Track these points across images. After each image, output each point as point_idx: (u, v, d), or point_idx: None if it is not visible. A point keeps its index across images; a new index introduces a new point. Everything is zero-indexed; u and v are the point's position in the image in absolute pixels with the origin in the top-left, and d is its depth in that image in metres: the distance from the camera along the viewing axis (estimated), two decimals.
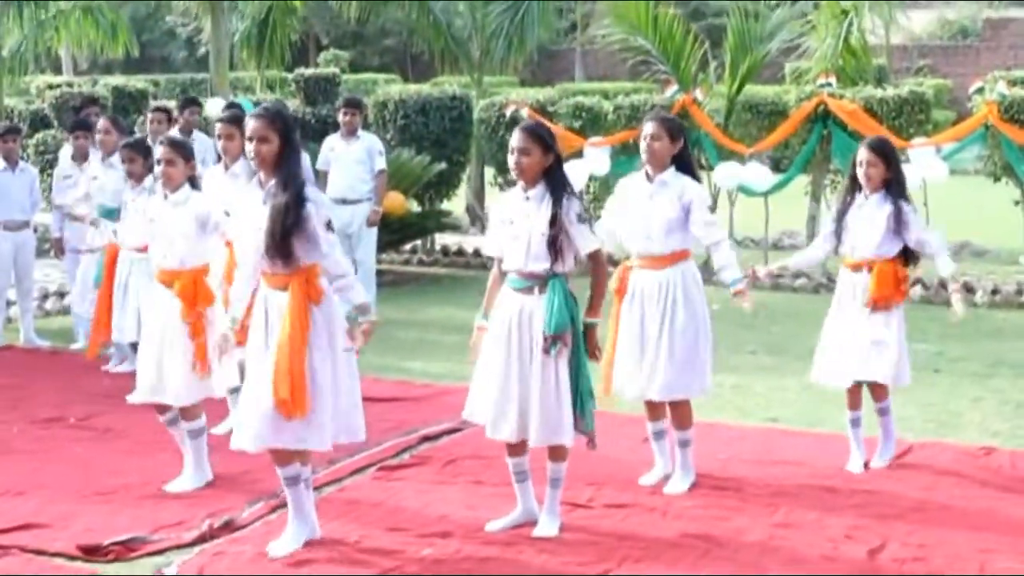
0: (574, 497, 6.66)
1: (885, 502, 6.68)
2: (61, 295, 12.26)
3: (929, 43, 42.74)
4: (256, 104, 12.83)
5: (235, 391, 6.84)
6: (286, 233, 5.75)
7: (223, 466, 7.20)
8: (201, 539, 6.13)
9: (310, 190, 5.92)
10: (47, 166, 14.68)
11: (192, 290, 6.93)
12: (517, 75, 31.56)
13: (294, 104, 16.62)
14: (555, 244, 6.00)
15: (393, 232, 13.18)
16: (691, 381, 6.88)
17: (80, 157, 10.51)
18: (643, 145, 6.87)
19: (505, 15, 19.65)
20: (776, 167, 14.49)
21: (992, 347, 10.51)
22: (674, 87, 14.22)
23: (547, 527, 6.25)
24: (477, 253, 15.29)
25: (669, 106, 13.59)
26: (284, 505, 6.45)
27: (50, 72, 28.82)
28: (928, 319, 10.84)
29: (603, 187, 13.86)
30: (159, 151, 7.07)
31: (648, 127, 6.88)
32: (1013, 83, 14.35)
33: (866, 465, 7.30)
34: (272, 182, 5.88)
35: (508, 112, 14.27)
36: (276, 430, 5.85)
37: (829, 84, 13.33)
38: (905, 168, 7.79)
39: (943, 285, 12.35)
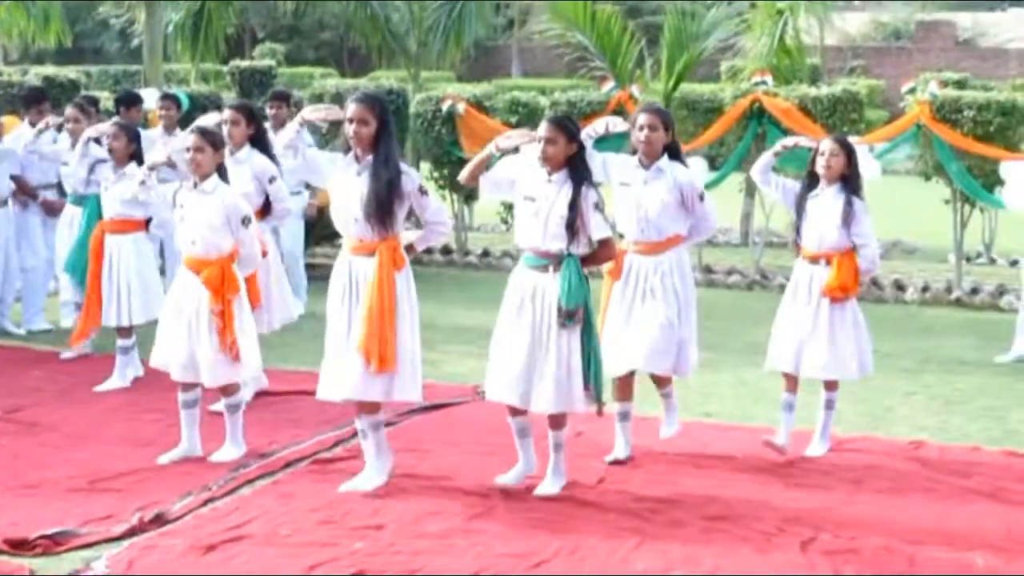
0: (509, 491, 6.68)
1: (817, 495, 6.74)
2: None
3: (863, 44, 43.16)
4: (190, 96, 12.73)
5: None
6: (390, 201, 6.55)
7: (150, 459, 7.20)
8: (131, 532, 6.03)
9: (403, 164, 6.68)
10: None
11: (219, 279, 7.16)
12: (454, 71, 31.49)
13: (229, 96, 16.47)
14: (572, 226, 6.53)
15: (327, 226, 13.07)
16: (672, 358, 7.27)
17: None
18: (640, 135, 7.18)
19: (442, 10, 19.67)
20: (711, 164, 14.50)
21: (922, 344, 10.65)
22: (611, 83, 14.24)
23: (550, 486, 6.77)
24: (409, 247, 15.22)
25: (605, 102, 13.63)
26: (214, 499, 6.49)
27: None
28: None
29: None
30: (189, 140, 7.26)
31: (644, 118, 7.22)
32: (944, 84, 14.51)
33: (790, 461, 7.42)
34: (370, 158, 6.60)
35: (445, 107, 14.21)
36: (366, 385, 6.59)
37: (764, 82, 13.40)
38: None
39: (874, 282, 12.53)
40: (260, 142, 8.60)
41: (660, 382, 7.55)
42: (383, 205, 6.54)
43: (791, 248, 7.93)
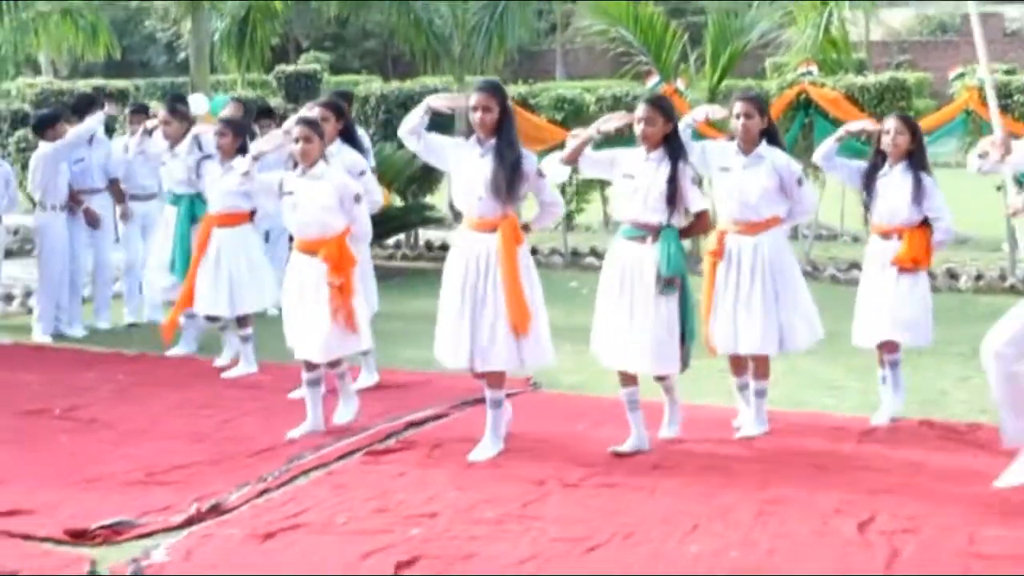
0: (563, 478, 6.68)
1: (873, 478, 6.67)
2: (28, 294, 12.05)
3: (909, 38, 42.89)
4: (234, 99, 12.80)
5: None
6: (513, 181, 7.01)
7: (211, 452, 7.25)
8: (189, 522, 6.09)
9: (523, 148, 7.15)
10: (27, 164, 14.60)
11: (338, 254, 7.59)
12: (498, 74, 31.46)
13: (276, 101, 16.58)
14: (672, 200, 6.97)
15: (377, 225, 13.09)
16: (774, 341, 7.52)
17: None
18: (737, 123, 7.46)
19: (484, 12, 19.67)
20: None
21: (977, 330, 10.30)
22: (656, 78, 14.22)
23: (670, 431, 7.48)
24: (526, 226, 15.25)
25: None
26: (270, 490, 6.53)
27: (30, 75, 28.67)
28: None
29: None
30: (297, 130, 7.60)
31: (740, 106, 7.47)
32: (993, 71, 14.35)
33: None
34: (492, 141, 7.06)
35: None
36: (507, 355, 7.10)
37: (810, 72, 13.36)
38: None
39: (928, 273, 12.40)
40: (350, 137, 8.83)
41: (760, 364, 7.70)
42: (507, 184, 7.00)
43: (841, 238, 8.07)
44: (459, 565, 5.53)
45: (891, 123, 7.79)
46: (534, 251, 15.18)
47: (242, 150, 8.98)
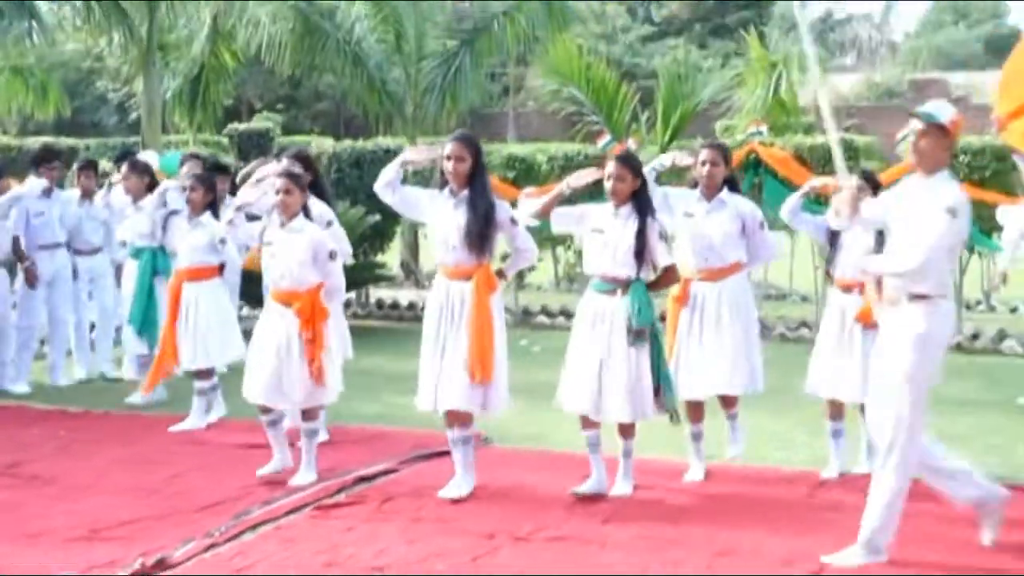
0: (514, 531, 6.64)
1: (823, 529, 6.68)
2: None
3: (856, 104, 43.44)
4: (193, 155, 12.75)
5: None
6: (486, 230, 7.23)
7: (158, 507, 7.17)
8: None
9: (495, 197, 7.38)
10: None
11: (310, 309, 7.70)
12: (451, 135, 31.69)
13: (228, 159, 16.58)
14: (640, 254, 7.18)
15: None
16: (747, 377, 7.84)
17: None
18: (703, 170, 7.82)
19: (438, 72, 19.83)
20: None
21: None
22: (607, 137, 14.25)
23: (623, 488, 7.44)
24: (411, 306, 15.29)
25: (602, 156, 13.66)
26: (216, 545, 6.45)
27: None
28: None
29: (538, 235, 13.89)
30: (278, 183, 7.75)
31: (706, 154, 7.86)
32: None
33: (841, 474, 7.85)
34: (465, 192, 7.25)
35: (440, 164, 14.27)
36: (469, 396, 7.27)
37: (760, 132, 13.44)
38: None
39: None
40: (318, 188, 8.85)
41: (729, 403, 8.02)
42: (480, 234, 7.21)
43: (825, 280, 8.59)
44: None
45: (854, 180, 7.59)
46: (396, 306, 15.27)
47: (211, 206, 9.19)
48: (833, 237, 7.94)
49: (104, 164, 14.51)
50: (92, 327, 11.68)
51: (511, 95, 42.52)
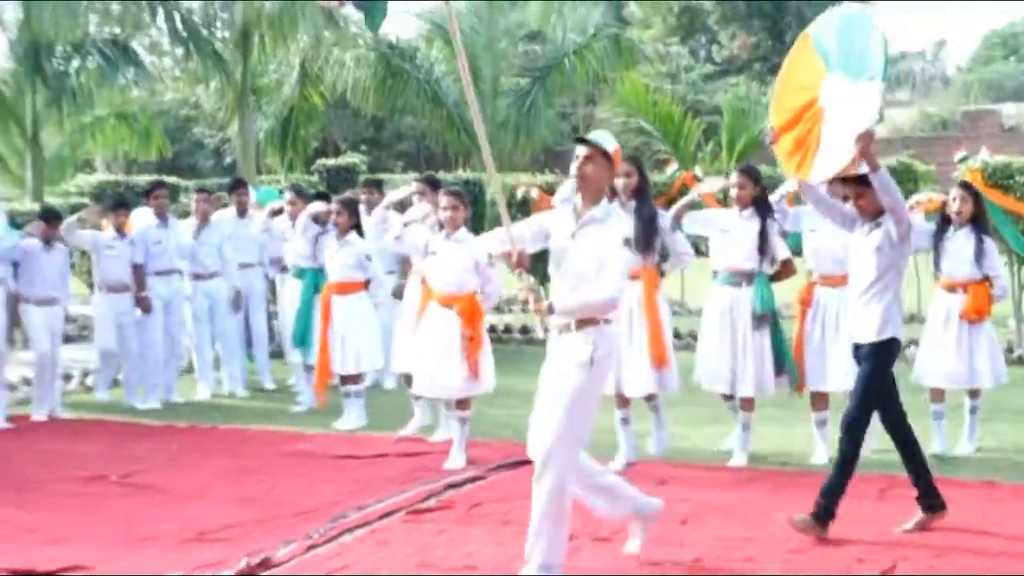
0: (593, 532, 6.60)
1: (892, 531, 6.61)
2: (85, 374, 12.12)
3: (912, 135, 42.95)
4: (280, 192, 12.91)
5: None
6: (652, 235, 8.00)
7: (259, 513, 7.24)
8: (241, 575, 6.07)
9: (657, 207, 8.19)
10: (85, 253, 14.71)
11: (470, 310, 8.39)
12: (526, 169, 31.79)
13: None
14: (763, 250, 7.98)
15: None
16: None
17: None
18: (734, 192, 8.26)
19: (512, 108, 19.95)
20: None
21: (990, 396, 10.40)
22: (674, 165, 14.30)
23: (739, 459, 8.23)
24: (508, 329, 15.21)
25: (670, 184, 13.66)
26: (316, 546, 6.49)
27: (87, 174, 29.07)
28: None
29: None
30: (445, 200, 8.48)
31: (735, 177, 8.28)
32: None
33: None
34: (632, 203, 7.95)
35: (519, 193, 14.32)
36: (652, 380, 8.12)
37: None
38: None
39: None
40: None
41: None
42: (647, 238, 7.99)
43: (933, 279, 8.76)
44: None
45: (955, 192, 8.34)
46: (509, 330, 15.23)
47: (356, 227, 9.66)
48: (938, 244, 8.36)
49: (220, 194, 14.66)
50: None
51: (581, 131, 42.54)
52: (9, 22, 18.42)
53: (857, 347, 6.66)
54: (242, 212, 11.71)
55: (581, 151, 5.80)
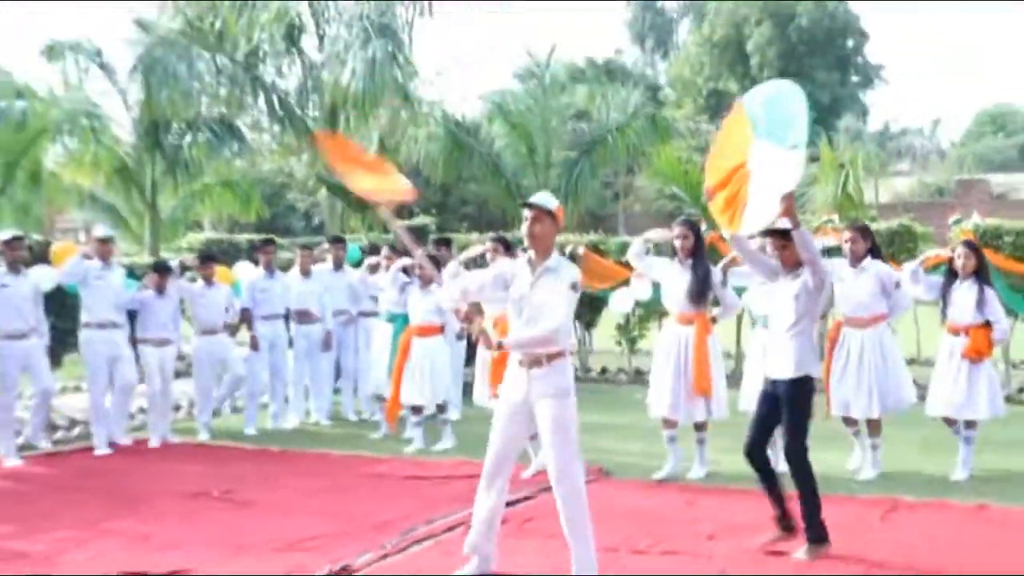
0: (633, 544, 6.57)
1: (903, 549, 6.50)
2: (191, 405, 12.13)
3: (911, 200, 42.62)
4: (361, 249, 12.95)
5: None
6: (705, 288, 8.31)
7: (339, 526, 7.22)
8: None
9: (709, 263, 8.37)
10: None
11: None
12: (571, 231, 31.79)
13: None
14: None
15: None
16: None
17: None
18: (847, 247, 8.47)
19: (563, 177, 19.98)
20: None
21: (981, 431, 10.24)
22: (704, 225, 14.21)
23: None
24: (601, 370, 15.18)
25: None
26: (389, 555, 6.48)
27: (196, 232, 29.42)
28: None
29: (645, 307, 13.86)
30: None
31: (848, 234, 8.55)
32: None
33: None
34: (689, 261, 8.35)
35: (567, 250, 14.31)
36: (696, 408, 8.38)
37: (832, 220, 13.34)
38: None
39: None
40: None
41: (873, 425, 8.56)
42: (700, 290, 8.34)
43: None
44: None
45: (960, 250, 8.43)
46: (603, 371, 15.16)
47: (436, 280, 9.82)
48: (945, 294, 8.42)
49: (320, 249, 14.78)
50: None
51: (621, 198, 42.52)
52: (133, 103, 18.73)
53: (774, 383, 6.46)
54: (338, 265, 11.77)
55: (528, 214, 5.82)
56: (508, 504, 7.64)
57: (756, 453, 6.52)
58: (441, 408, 10.09)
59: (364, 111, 17.16)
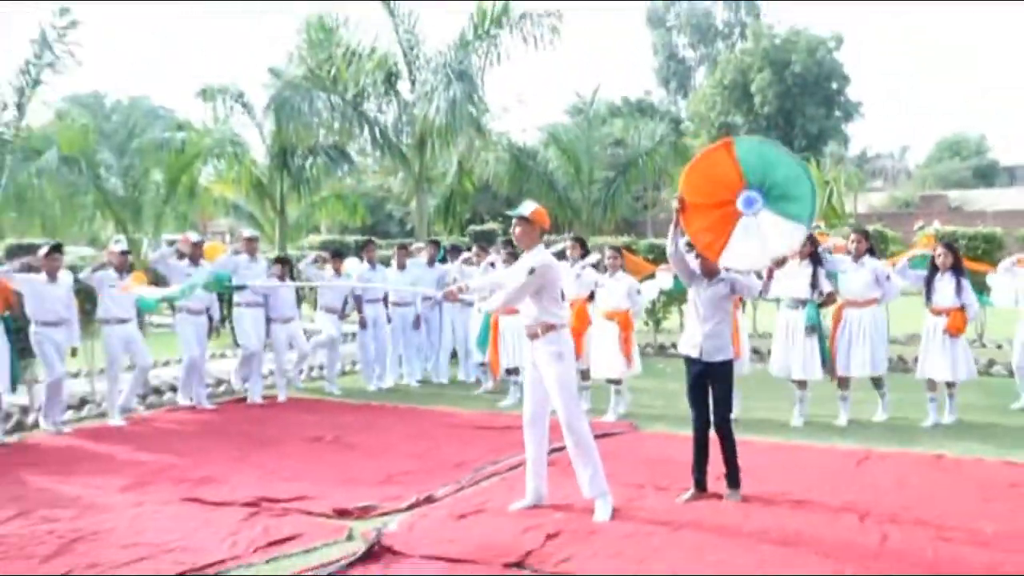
0: (656, 483, 6.47)
1: (869, 489, 6.39)
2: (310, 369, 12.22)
3: (884, 211, 41.83)
4: (445, 249, 12.92)
5: None
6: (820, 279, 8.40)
7: (426, 465, 7.23)
8: (413, 506, 6.11)
9: None
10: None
11: (625, 321, 8.81)
12: (609, 234, 31.58)
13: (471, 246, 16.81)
14: (815, 285, 8.37)
15: None
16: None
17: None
18: (851, 245, 8.66)
19: (602, 191, 19.87)
20: None
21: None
22: None
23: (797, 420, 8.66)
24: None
25: None
26: (464, 488, 6.47)
27: (315, 234, 29.70)
28: None
29: (668, 295, 13.73)
30: (608, 252, 9.12)
31: (853, 237, 8.71)
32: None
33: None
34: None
35: (598, 250, 14.19)
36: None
37: (819, 226, 13.08)
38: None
39: (902, 359, 11.93)
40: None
41: (876, 382, 8.77)
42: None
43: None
44: (587, 537, 5.46)
45: (939, 248, 8.58)
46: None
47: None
48: (929, 284, 8.52)
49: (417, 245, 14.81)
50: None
51: (649, 208, 42.19)
52: (266, 133, 18.93)
53: (708, 364, 6.13)
54: (431, 262, 11.67)
55: (513, 221, 5.88)
56: (557, 449, 7.65)
57: (706, 425, 6.26)
58: (510, 371, 9.94)
59: (447, 140, 17.16)
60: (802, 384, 8.67)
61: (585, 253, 9.53)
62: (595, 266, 9.46)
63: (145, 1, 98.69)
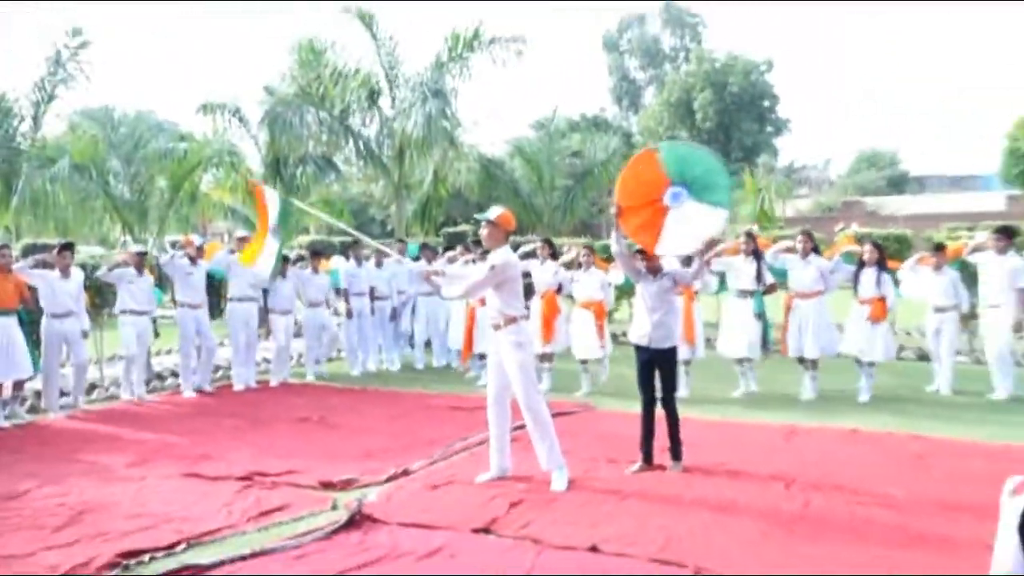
0: (608, 456, 6.46)
1: (794, 459, 6.42)
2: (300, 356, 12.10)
3: (810, 216, 42.20)
4: (420, 246, 12.85)
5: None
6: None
7: (402, 441, 7.18)
8: (390, 479, 6.08)
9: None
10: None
11: (600, 310, 9.07)
12: (569, 235, 31.54)
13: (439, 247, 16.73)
14: (759, 278, 8.65)
15: None
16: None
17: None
18: (798, 245, 8.81)
19: (562, 197, 19.86)
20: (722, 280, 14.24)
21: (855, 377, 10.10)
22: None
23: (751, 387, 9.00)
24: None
25: None
26: (436, 462, 6.44)
27: (303, 235, 29.43)
28: None
29: (619, 290, 13.71)
30: (583, 251, 9.37)
31: (800, 238, 8.86)
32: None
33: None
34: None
35: (568, 249, 14.17)
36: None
37: (753, 229, 13.15)
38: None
39: None
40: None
41: (812, 364, 8.82)
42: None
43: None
44: (547, 505, 5.47)
45: (868, 246, 8.79)
46: None
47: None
48: (857, 276, 8.69)
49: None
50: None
51: (603, 212, 42.25)
52: (261, 144, 18.71)
53: (656, 351, 6.15)
54: (401, 253, 11.56)
55: (482, 224, 5.91)
56: (521, 427, 7.62)
57: (653, 404, 6.25)
58: (483, 356, 9.77)
59: (423, 151, 17.10)
60: (746, 361, 8.91)
61: (553, 252, 9.57)
62: (568, 265, 9.62)
63: (150, 21, 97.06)
